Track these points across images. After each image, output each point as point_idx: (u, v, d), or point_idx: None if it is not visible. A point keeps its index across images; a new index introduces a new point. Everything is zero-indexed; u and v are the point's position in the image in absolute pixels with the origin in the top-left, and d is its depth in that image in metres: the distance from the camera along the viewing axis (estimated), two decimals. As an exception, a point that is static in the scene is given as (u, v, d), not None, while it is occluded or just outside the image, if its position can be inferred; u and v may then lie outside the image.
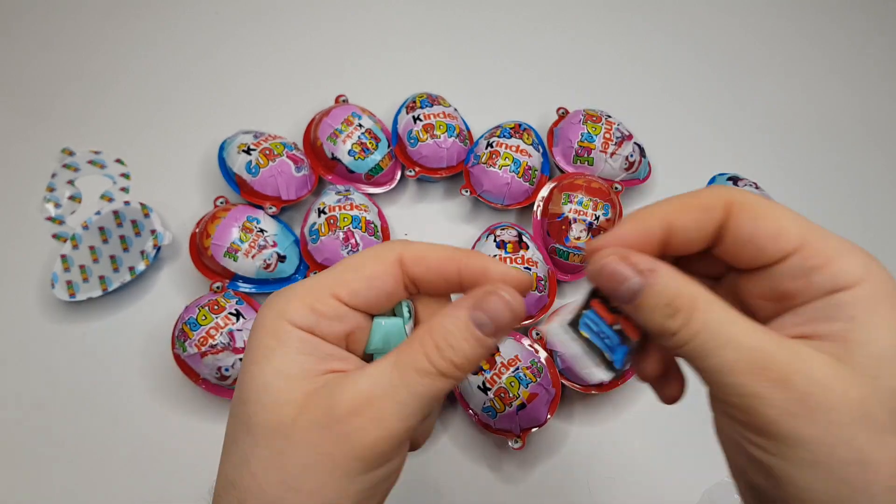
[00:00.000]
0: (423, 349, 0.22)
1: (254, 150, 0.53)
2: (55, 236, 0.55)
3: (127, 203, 0.54)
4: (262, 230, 0.50)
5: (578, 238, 0.52)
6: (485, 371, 0.45)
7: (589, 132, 0.56)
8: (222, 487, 0.23)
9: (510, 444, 0.45)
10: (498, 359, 0.46)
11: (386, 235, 0.54)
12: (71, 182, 0.58)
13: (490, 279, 0.24)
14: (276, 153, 0.53)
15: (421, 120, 0.56)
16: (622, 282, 0.22)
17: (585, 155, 0.56)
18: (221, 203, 0.54)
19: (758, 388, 0.20)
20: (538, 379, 0.46)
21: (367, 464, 0.22)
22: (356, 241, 0.50)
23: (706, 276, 0.26)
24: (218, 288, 0.49)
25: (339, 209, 0.51)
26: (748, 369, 0.20)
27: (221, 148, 0.55)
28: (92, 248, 0.52)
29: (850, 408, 0.19)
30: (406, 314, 0.26)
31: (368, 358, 0.26)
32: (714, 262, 0.25)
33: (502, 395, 0.45)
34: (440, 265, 0.24)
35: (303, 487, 0.21)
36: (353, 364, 0.24)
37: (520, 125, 0.57)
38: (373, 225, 0.52)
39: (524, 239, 0.51)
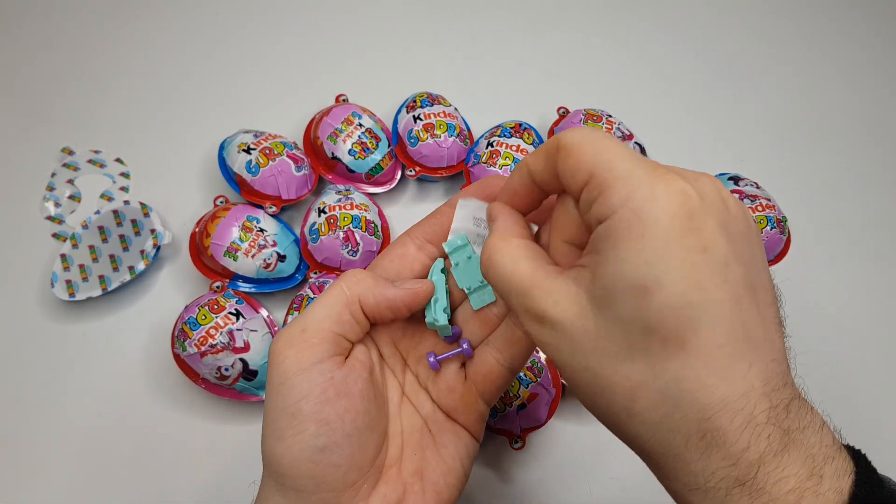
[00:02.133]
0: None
1: (254, 149, 0.53)
2: (55, 235, 0.55)
3: (127, 202, 0.54)
4: (262, 230, 0.50)
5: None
6: (485, 371, 0.45)
7: (589, 132, 0.56)
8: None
9: (510, 443, 0.45)
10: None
11: (386, 235, 0.54)
12: (71, 181, 0.57)
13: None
14: (276, 152, 0.53)
15: (421, 119, 0.56)
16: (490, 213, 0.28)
17: (586, 155, 0.56)
18: (221, 202, 0.54)
19: (528, 327, 0.24)
20: (538, 379, 0.46)
21: (279, 363, 0.28)
22: (356, 240, 0.50)
23: None
24: (218, 287, 0.49)
25: (340, 209, 0.51)
26: (522, 312, 0.24)
27: (221, 147, 0.55)
28: (92, 247, 0.52)
29: (588, 339, 0.22)
30: (441, 274, 0.31)
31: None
32: None
33: (502, 395, 0.45)
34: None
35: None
36: None
37: (520, 125, 0.57)
38: (373, 224, 0.52)
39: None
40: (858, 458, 0.23)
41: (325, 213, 0.51)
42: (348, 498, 0.27)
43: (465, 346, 0.30)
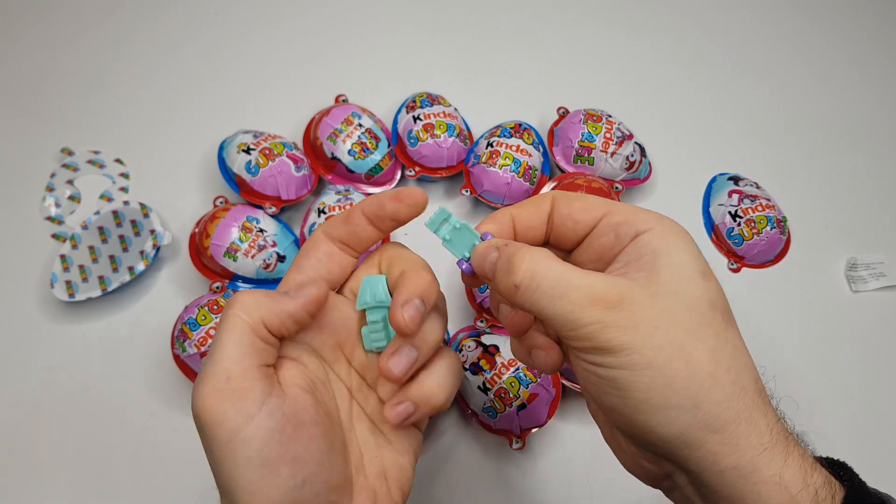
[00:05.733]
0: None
1: (253, 149, 0.53)
2: (55, 236, 0.55)
3: (126, 203, 0.54)
4: (261, 230, 0.50)
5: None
6: (485, 371, 0.45)
7: (589, 132, 0.56)
8: None
9: (510, 444, 0.45)
10: (498, 359, 0.46)
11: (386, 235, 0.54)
12: (70, 182, 0.57)
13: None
14: (275, 153, 0.53)
15: (421, 119, 0.56)
16: (486, 258, 0.28)
17: (586, 155, 0.56)
18: (221, 203, 0.54)
19: (596, 316, 0.24)
20: (538, 379, 0.46)
21: (216, 422, 0.26)
22: (356, 240, 0.50)
23: None
24: (217, 288, 0.49)
25: (339, 209, 0.51)
26: (586, 303, 0.25)
27: (221, 148, 0.55)
28: (91, 247, 0.52)
29: (667, 315, 0.25)
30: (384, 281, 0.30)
31: (362, 314, 0.30)
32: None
33: (502, 395, 0.45)
34: (360, 220, 0.30)
35: None
36: None
37: (520, 125, 0.57)
38: (373, 225, 0.52)
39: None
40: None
41: (324, 213, 0.51)
42: None
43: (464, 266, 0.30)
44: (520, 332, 0.31)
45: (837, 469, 0.26)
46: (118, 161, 0.59)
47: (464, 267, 0.30)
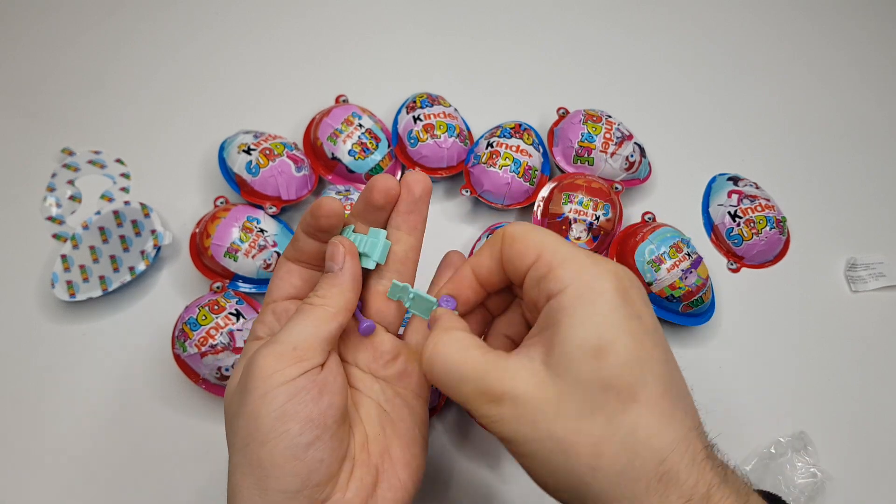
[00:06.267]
0: (301, 304, 0.31)
1: (254, 149, 0.53)
2: (55, 236, 0.55)
3: (127, 203, 0.54)
4: (262, 230, 0.50)
5: (579, 238, 0.52)
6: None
7: (589, 132, 0.56)
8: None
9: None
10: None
11: (386, 235, 0.54)
12: (71, 182, 0.58)
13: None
14: (276, 153, 0.53)
15: (421, 120, 0.56)
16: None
17: (586, 155, 0.56)
18: (221, 203, 0.54)
19: (484, 409, 0.25)
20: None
21: (262, 380, 0.28)
22: (356, 241, 0.50)
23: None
24: (218, 288, 0.49)
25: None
26: (475, 395, 0.25)
27: (221, 148, 0.55)
28: (92, 247, 0.52)
29: (550, 406, 0.24)
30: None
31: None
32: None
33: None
34: (299, 237, 0.33)
35: (237, 428, 0.29)
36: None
37: (520, 125, 0.57)
38: (373, 225, 0.52)
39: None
40: (771, 497, 0.27)
41: (325, 213, 0.51)
42: (330, 489, 0.28)
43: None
44: None
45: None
46: (119, 161, 0.59)
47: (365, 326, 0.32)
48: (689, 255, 0.50)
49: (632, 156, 0.56)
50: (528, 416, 0.24)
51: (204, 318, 0.46)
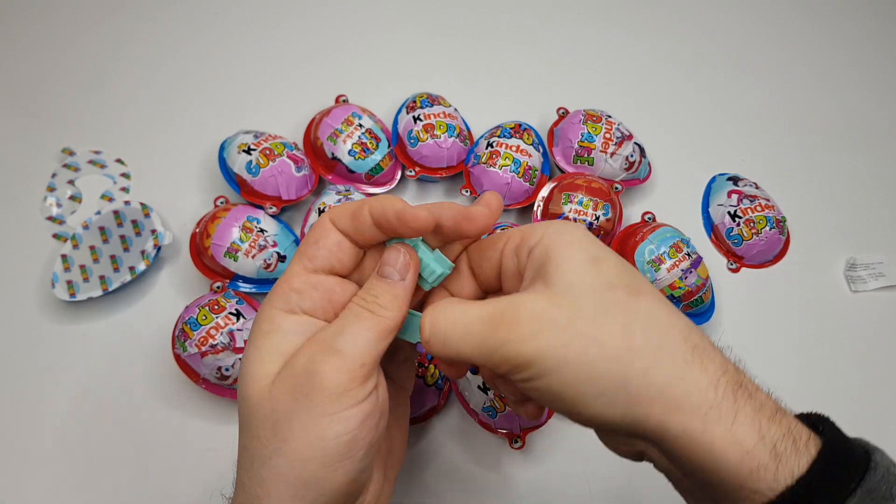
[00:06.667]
0: (352, 306, 0.28)
1: (254, 149, 0.53)
2: (55, 236, 0.55)
3: (127, 203, 0.54)
4: (262, 230, 0.50)
5: (578, 238, 0.52)
6: (485, 371, 0.45)
7: (589, 132, 0.56)
8: (241, 453, 0.28)
9: (511, 443, 0.45)
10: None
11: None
12: (71, 182, 0.58)
13: (403, 219, 0.28)
14: (276, 153, 0.53)
15: (421, 120, 0.56)
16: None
17: (585, 155, 0.56)
18: (221, 203, 0.54)
19: (501, 337, 0.25)
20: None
21: (331, 399, 0.26)
22: (356, 241, 0.50)
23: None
24: (218, 288, 0.49)
25: (340, 209, 0.51)
26: (488, 330, 0.26)
27: (222, 148, 0.55)
28: (92, 247, 0.52)
29: (566, 312, 0.25)
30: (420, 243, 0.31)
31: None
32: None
33: (503, 395, 0.45)
34: (366, 220, 0.29)
35: (290, 437, 0.26)
36: None
37: (520, 125, 0.57)
38: (373, 225, 0.52)
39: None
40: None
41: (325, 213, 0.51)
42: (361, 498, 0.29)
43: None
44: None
45: (817, 423, 0.26)
46: (119, 161, 0.59)
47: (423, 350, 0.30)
48: (688, 255, 0.50)
49: (632, 156, 0.56)
50: (548, 325, 0.25)
51: (204, 317, 0.46)
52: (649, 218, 0.56)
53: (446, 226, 0.29)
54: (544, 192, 0.55)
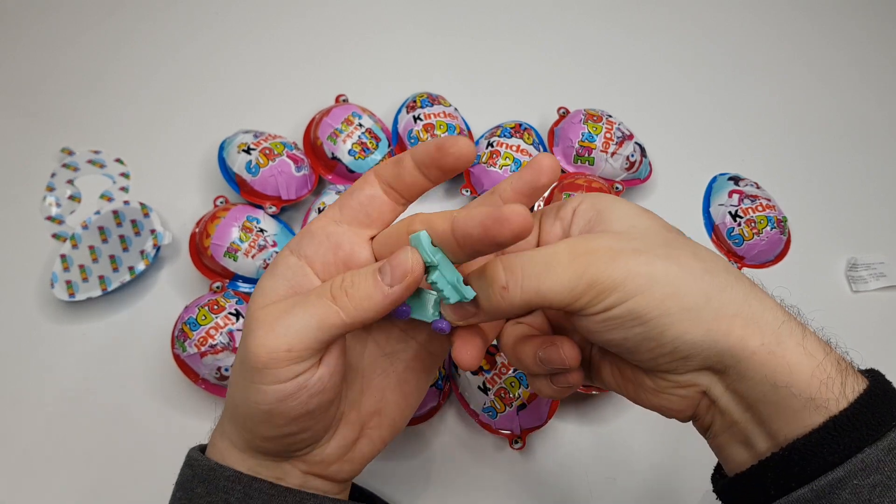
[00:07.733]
0: (331, 281, 0.27)
1: (254, 149, 0.53)
2: (55, 236, 0.55)
3: (127, 203, 0.54)
4: (262, 230, 0.50)
5: (579, 238, 0.52)
6: (485, 371, 0.45)
7: (590, 132, 0.56)
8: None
9: (511, 444, 0.45)
10: (498, 359, 0.46)
11: (386, 235, 0.54)
12: (70, 181, 0.57)
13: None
14: (276, 153, 0.53)
15: (421, 120, 0.56)
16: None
17: (586, 155, 0.56)
18: (221, 203, 0.54)
19: (586, 263, 0.25)
20: (538, 379, 0.46)
21: (253, 369, 0.26)
22: (356, 240, 0.50)
23: None
24: (218, 288, 0.49)
25: (340, 209, 0.51)
26: (570, 259, 0.25)
27: (221, 147, 0.55)
28: (91, 247, 0.52)
29: (638, 241, 0.26)
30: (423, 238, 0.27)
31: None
32: None
33: (502, 395, 0.45)
34: (408, 165, 0.28)
35: (231, 382, 0.29)
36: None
37: (520, 125, 0.57)
38: (373, 225, 0.52)
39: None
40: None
41: (325, 213, 0.51)
42: (311, 448, 0.30)
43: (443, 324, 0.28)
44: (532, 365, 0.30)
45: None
46: (118, 161, 0.59)
47: (442, 326, 0.28)
48: (689, 254, 0.50)
49: (632, 155, 0.56)
50: (628, 249, 0.25)
51: (204, 317, 0.46)
52: (649, 218, 0.56)
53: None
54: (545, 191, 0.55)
